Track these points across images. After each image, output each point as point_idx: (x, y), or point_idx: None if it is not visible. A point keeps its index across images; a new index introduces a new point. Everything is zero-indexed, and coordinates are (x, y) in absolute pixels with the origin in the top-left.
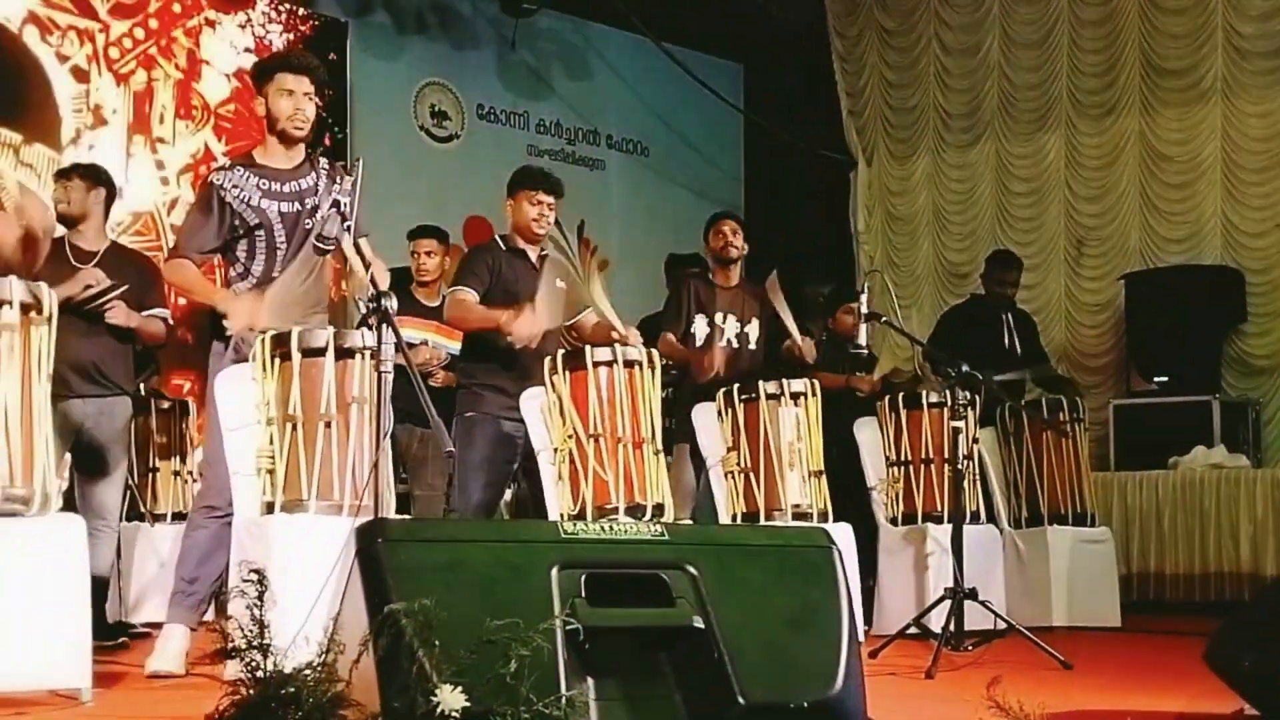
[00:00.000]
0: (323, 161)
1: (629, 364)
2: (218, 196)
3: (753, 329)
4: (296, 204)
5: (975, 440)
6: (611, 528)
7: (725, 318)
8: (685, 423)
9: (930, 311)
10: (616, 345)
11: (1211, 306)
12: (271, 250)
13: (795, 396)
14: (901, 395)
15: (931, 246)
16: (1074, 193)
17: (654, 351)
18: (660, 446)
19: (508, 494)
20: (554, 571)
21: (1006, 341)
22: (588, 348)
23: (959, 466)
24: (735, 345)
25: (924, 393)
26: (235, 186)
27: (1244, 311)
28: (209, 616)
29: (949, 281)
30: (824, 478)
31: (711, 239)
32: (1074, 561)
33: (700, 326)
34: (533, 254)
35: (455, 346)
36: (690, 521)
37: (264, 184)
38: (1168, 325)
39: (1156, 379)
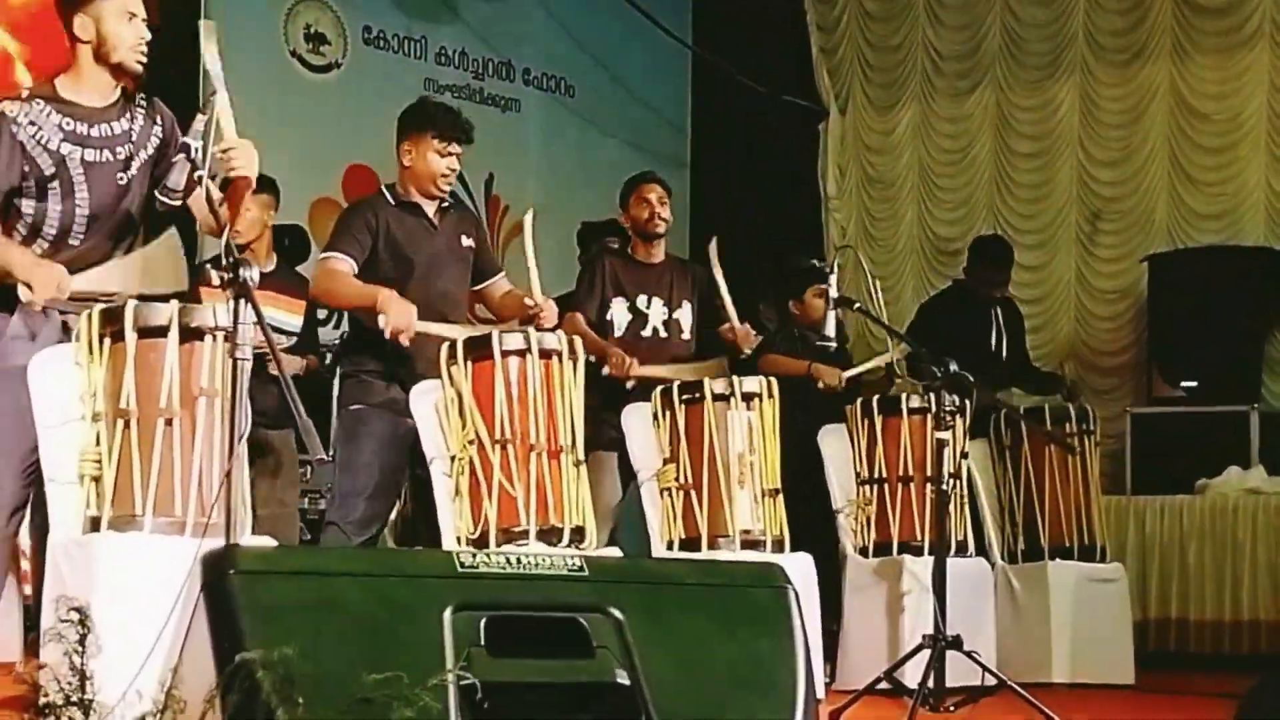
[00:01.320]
0: (140, 99)
1: (546, 353)
2: (8, 133)
3: (684, 314)
4: (107, 153)
5: (964, 455)
6: (519, 559)
7: (650, 301)
8: (608, 425)
9: (914, 297)
10: (531, 331)
11: (1252, 297)
12: (70, 209)
13: (748, 398)
14: (876, 399)
15: (916, 217)
16: (1089, 155)
17: (576, 339)
18: (582, 456)
19: (393, 513)
20: (447, 613)
21: (993, 342)
22: (495, 333)
23: (943, 486)
24: (663, 335)
25: (903, 396)
26: (33, 124)
27: None
28: (12, 658)
29: (936, 260)
30: (781, 498)
31: (632, 206)
32: (1080, 604)
33: (619, 311)
34: (429, 209)
35: (296, 322)
36: (617, 552)
37: (69, 124)
38: (1199, 319)
39: (1184, 384)
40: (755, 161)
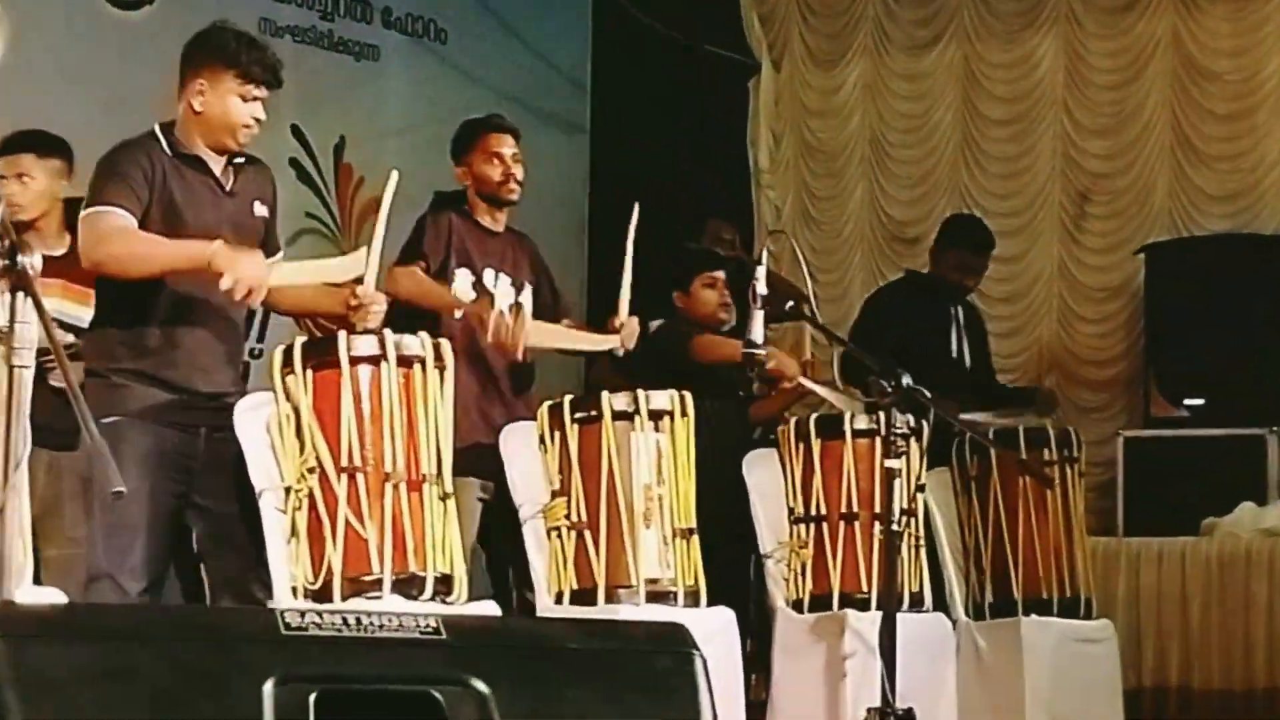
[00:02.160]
0: None
1: (405, 360)
2: None
3: (527, 300)
4: None
5: (920, 487)
6: (360, 619)
7: (496, 277)
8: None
9: (862, 292)
10: (388, 333)
11: (1270, 296)
12: None
13: (657, 416)
14: (814, 418)
15: (866, 196)
16: (1075, 122)
17: (444, 344)
18: (450, 489)
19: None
20: (268, 686)
21: (954, 348)
22: (341, 336)
23: (894, 525)
24: (510, 320)
25: (846, 415)
26: None
27: None
28: None
29: (890, 248)
30: (696, 539)
31: (476, 161)
32: (1060, 668)
33: (462, 285)
34: (217, 165)
35: (88, 316)
36: (493, 608)
37: None
38: (1206, 322)
39: (1187, 402)
40: (669, 126)
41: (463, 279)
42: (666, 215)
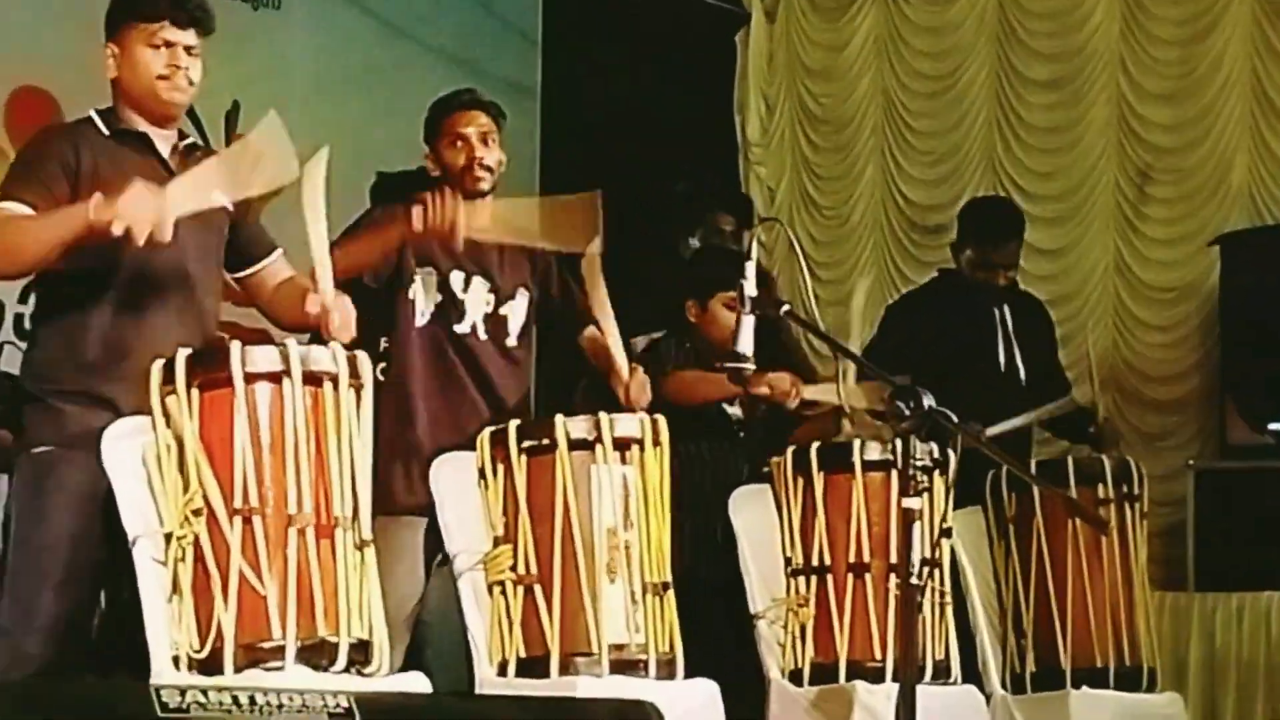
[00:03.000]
0: None
1: (314, 377)
2: None
3: (515, 310)
4: None
5: (946, 531)
6: (254, 698)
7: (468, 281)
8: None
9: (879, 296)
10: (291, 345)
11: None
12: None
13: (623, 445)
14: (815, 446)
15: (879, 173)
16: (1135, 85)
17: (361, 358)
18: (368, 535)
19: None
20: None
21: (1003, 358)
22: (234, 347)
23: (914, 579)
24: (482, 336)
25: (856, 443)
26: None
27: None
28: None
29: (909, 239)
30: (671, 596)
31: (442, 145)
32: None
33: (422, 291)
34: (163, 143)
35: None
36: (422, 681)
37: None
38: None
39: (1272, 426)
40: (639, 89)
41: (423, 282)
42: (632, 200)
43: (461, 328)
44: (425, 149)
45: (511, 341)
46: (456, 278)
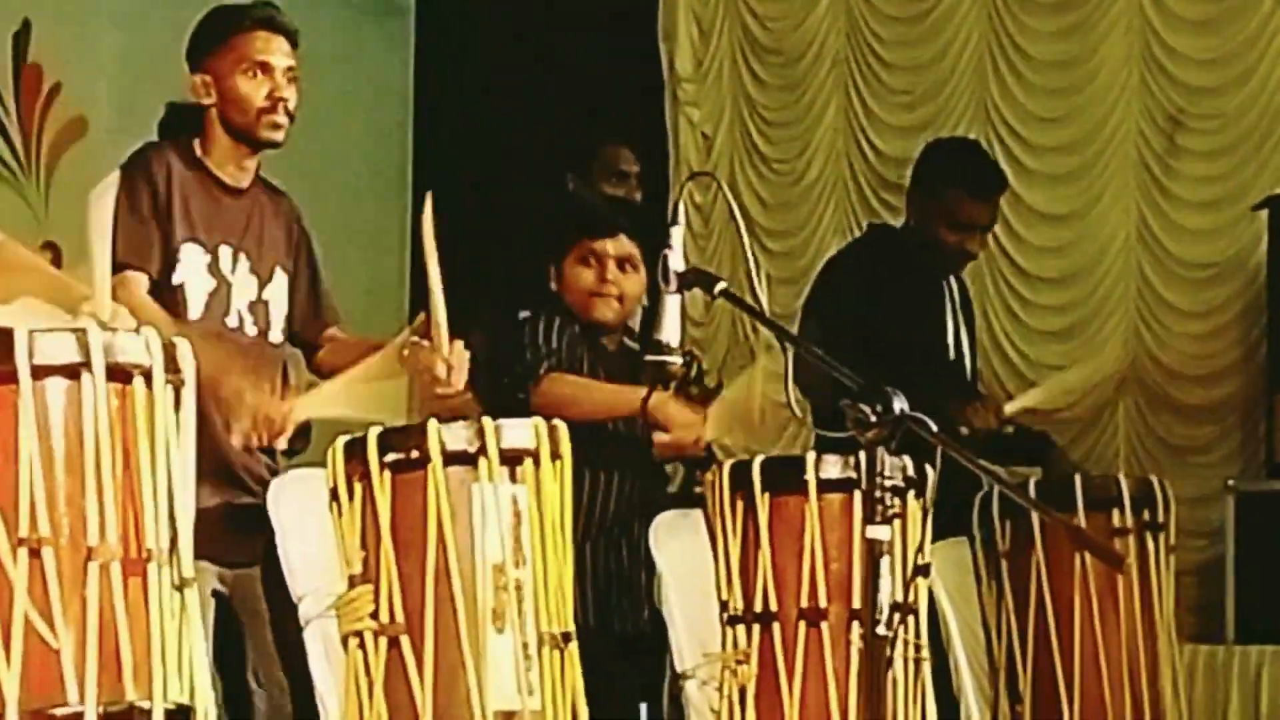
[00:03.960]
0: None
1: (121, 372)
2: None
3: (276, 293)
4: None
5: (922, 569)
6: None
7: (235, 259)
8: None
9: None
10: (91, 325)
11: None
12: None
13: (514, 458)
14: (759, 463)
15: (842, 118)
16: (1162, 10)
17: (182, 346)
18: (190, 573)
19: None
20: None
21: (951, 342)
22: (19, 333)
23: (883, 630)
24: (249, 329)
25: (808, 458)
26: None
27: None
28: None
29: (882, 200)
30: (575, 649)
31: (225, 70)
32: None
33: (194, 272)
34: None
35: None
36: None
37: None
38: None
39: None
40: (534, 6)
41: (192, 260)
42: (527, 145)
43: (230, 318)
44: (193, 71)
45: (276, 337)
46: (224, 254)
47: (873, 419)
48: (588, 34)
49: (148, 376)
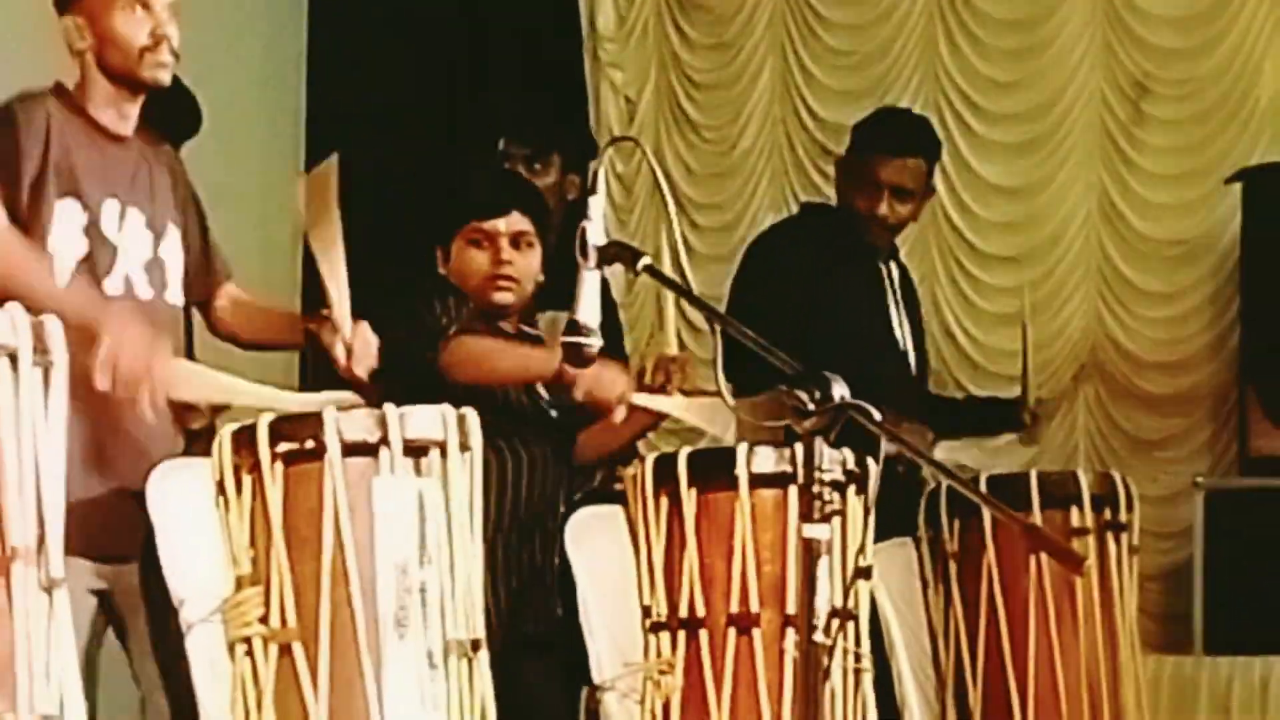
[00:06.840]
0: None
1: None
2: None
3: (170, 249)
4: None
5: (864, 572)
6: None
7: (123, 213)
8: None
9: None
10: None
11: None
12: None
13: (418, 450)
14: (685, 455)
15: (779, 80)
16: None
17: (49, 322)
18: (59, 573)
19: None
20: None
21: (898, 333)
22: None
23: (820, 637)
24: (143, 293)
25: (739, 450)
26: None
27: None
28: None
29: (823, 172)
30: (485, 657)
31: (99, 8)
32: None
33: (67, 229)
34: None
35: None
36: None
37: None
38: None
39: None
40: None
41: (68, 215)
42: (433, 110)
43: (114, 281)
44: (63, 13)
45: (172, 298)
46: (109, 208)
47: (810, 407)
48: None
49: (13, 358)
